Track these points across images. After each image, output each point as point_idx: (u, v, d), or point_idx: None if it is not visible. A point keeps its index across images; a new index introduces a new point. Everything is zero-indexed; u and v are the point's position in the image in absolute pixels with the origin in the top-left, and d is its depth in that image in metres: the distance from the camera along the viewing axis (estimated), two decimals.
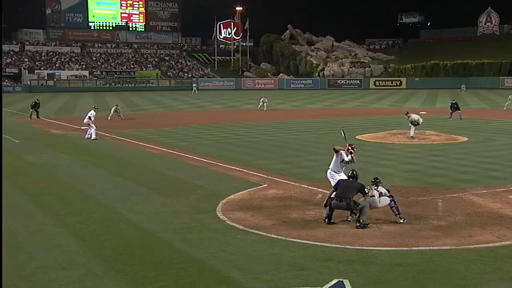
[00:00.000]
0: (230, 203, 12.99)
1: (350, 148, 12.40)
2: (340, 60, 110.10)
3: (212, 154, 21.33)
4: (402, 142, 24.69)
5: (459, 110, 36.60)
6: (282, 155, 20.59)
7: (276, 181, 15.63)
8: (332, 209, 11.18)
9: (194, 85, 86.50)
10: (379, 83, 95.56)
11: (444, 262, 8.98)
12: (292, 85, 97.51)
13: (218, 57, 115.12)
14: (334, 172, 12.40)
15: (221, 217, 11.75)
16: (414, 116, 24.91)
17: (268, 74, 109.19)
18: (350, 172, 11.64)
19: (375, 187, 11.46)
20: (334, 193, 11.24)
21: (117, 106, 38.75)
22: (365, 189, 11.12)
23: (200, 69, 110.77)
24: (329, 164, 12.74)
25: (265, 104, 46.31)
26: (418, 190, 14.35)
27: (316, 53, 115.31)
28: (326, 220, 11.25)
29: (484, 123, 34.33)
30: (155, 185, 15.28)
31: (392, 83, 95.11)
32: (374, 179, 11.87)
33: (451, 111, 36.85)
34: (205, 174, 17.17)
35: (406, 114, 25.85)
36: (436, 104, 53.95)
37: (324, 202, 11.43)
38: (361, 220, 10.96)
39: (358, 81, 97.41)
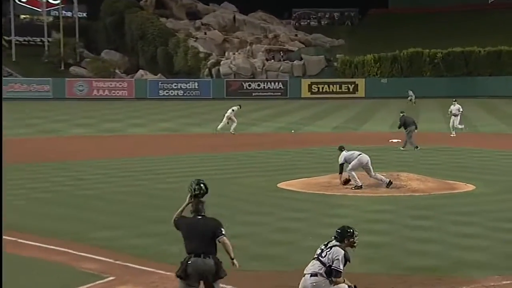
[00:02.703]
0: None
1: None
2: (248, 47, 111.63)
3: (8, 223, 20.72)
4: (361, 193, 25.48)
5: (408, 130, 39.58)
6: (144, 220, 20.92)
7: (131, 269, 15.94)
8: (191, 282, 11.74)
9: None
10: (319, 88, 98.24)
11: None
12: (161, 92, 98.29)
13: (17, 38, 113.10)
14: None
15: None
16: (347, 155, 26.78)
17: (117, 70, 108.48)
18: (195, 186, 12.41)
19: (324, 251, 11.90)
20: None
21: None
22: (222, 230, 11.76)
23: None
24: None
25: (231, 122, 49.29)
26: (391, 281, 14.85)
27: (205, 33, 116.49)
28: None
29: (502, 159, 36.25)
30: None
31: (340, 87, 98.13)
32: (337, 232, 12.00)
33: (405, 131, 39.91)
34: None
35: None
36: (419, 124, 55.07)
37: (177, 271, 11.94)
38: None
39: (280, 85, 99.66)
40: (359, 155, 26.72)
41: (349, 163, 26.56)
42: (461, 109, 48.67)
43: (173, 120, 61.49)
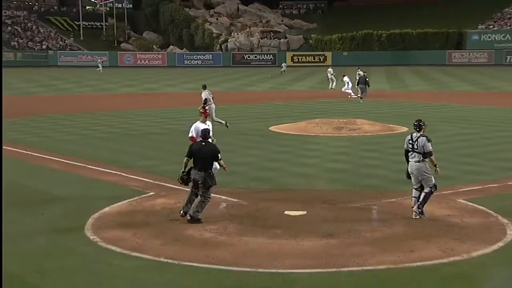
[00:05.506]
0: (104, 218, 12.87)
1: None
2: (248, 29, 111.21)
3: (78, 153, 20.97)
4: (328, 134, 25.41)
5: (360, 87, 39.80)
6: (174, 153, 20.14)
7: (166, 188, 15.73)
8: (194, 187, 12.39)
9: (99, 62, 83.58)
10: (298, 58, 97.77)
11: (380, 285, 9.34)
12: (186, 61, 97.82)
13: (84, 23, 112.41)
14: None
15: (91, 237, 11.58)
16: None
17: (154, 46, 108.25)
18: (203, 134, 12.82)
19: (414, 144, 12.88)
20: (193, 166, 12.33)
21: None
22: (219, 155, 12.39)
23: (59, 38, 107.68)
24: None
25: (332, 81, 49.08)
26: (348, 195, 14.90)
27: (217, 19, 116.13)
28: (182, 212, 12.47)
29: (427, 109, 36.00)
30: None
31: (314, 58, 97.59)
32: (416, 122, 13.13)
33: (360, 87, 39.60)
34: (68, 180, 16.98)
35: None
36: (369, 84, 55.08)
37: (179, 177, 12.66)
38: (197, 213, 12.28)
39: (271, 56, 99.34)
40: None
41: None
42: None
43: (194, 82, 59.20)
